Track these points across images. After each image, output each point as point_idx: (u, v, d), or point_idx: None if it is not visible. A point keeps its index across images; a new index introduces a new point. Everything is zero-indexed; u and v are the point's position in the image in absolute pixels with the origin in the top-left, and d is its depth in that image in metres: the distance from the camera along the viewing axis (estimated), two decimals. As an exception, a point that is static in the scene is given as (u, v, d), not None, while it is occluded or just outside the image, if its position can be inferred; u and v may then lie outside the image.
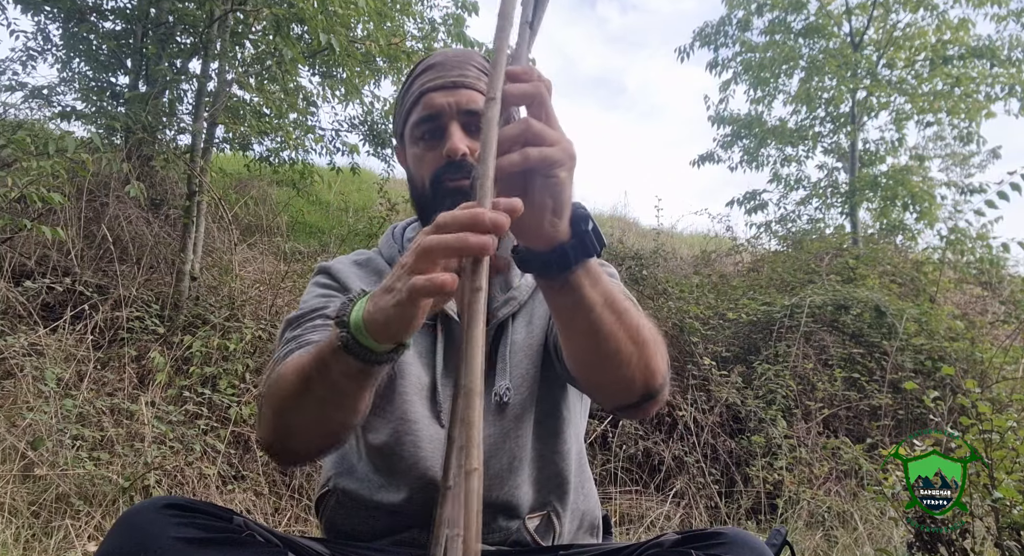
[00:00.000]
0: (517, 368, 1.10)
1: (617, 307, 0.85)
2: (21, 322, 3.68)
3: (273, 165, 6.12)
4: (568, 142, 0.71)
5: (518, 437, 1.08)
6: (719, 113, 8.58)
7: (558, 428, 1.12)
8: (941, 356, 4.29)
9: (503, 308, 1.13)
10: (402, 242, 1.22)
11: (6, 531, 2.55)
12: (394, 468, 1.07)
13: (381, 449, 1.08)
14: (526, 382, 1.09)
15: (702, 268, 6.53)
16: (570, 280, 0.79)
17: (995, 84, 7.59)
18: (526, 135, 0.68)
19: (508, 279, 1.16)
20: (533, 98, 0.70)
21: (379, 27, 5.11)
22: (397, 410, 1.08)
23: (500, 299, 1.14)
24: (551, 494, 1.11)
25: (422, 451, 1.06)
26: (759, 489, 3.48)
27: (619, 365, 0.87)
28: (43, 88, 5.31)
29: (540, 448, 1.10)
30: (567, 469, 1.11)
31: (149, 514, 0.85)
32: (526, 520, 1.08)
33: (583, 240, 0.78)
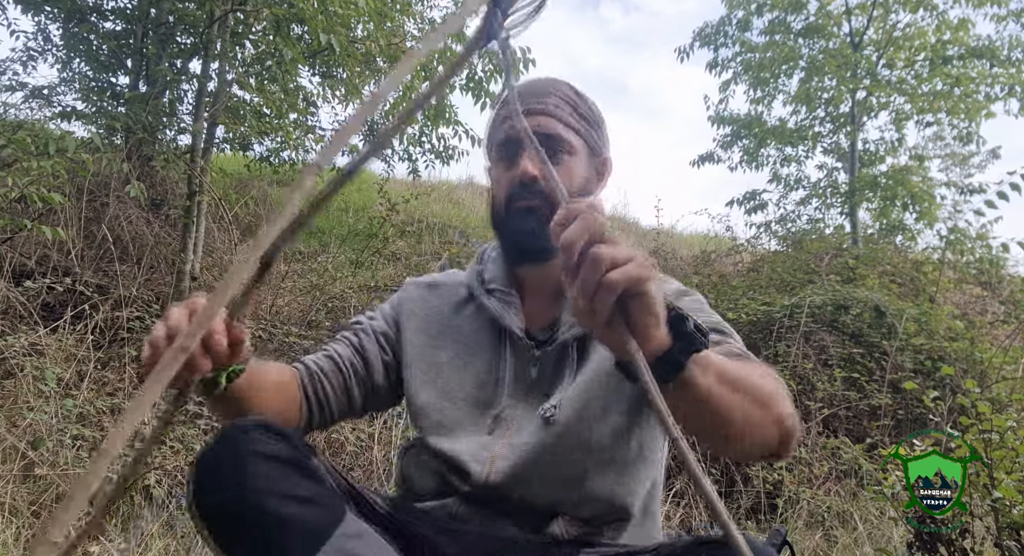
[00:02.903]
0: (576, 391, 1.12)
1: (731, 378, 0.84)
2: (21, 322, 3.68)
3: (273, 165, 6.13)
4: (639, 254, 0.71)
5: (564, 452, 1.10)
6: (719, 113, 8.59)
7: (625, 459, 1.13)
8: (941, 356, 4.29)
9: (568, 332, 1.16)
10: (483, 263, 1.30)
11: (6, 531, 2.55)
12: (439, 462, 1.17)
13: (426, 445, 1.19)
14: (577, 406, 1.11)
15: (702, 268, 6.53)
16: (682, 378, 0.79)
17: (995, 84, 7.59)
18: (602, 264, 0.68)
19: None
20: (588, 231, 0.70)
21: (379, 27, 5.11)
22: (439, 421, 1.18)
23: (567, 322, 1.17)
24: (598, 512, 1.12)
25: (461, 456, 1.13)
26: (759, 489, 3.48)
27: (748, 432, 0.88)
28: (43, 88, 5.32)
29: (597, 469, 1.11)
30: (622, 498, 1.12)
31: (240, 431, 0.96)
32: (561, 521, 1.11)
33: (687, 339, 0.78)
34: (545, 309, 1.21)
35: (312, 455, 1.00)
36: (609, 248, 0.69)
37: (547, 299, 1.22)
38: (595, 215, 0.70)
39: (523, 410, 1.15)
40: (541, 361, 1.17)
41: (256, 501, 0.90)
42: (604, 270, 0.68)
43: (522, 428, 1.13)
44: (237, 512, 0.90)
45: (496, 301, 1.22)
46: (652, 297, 0.72)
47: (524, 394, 1.17)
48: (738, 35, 8.40)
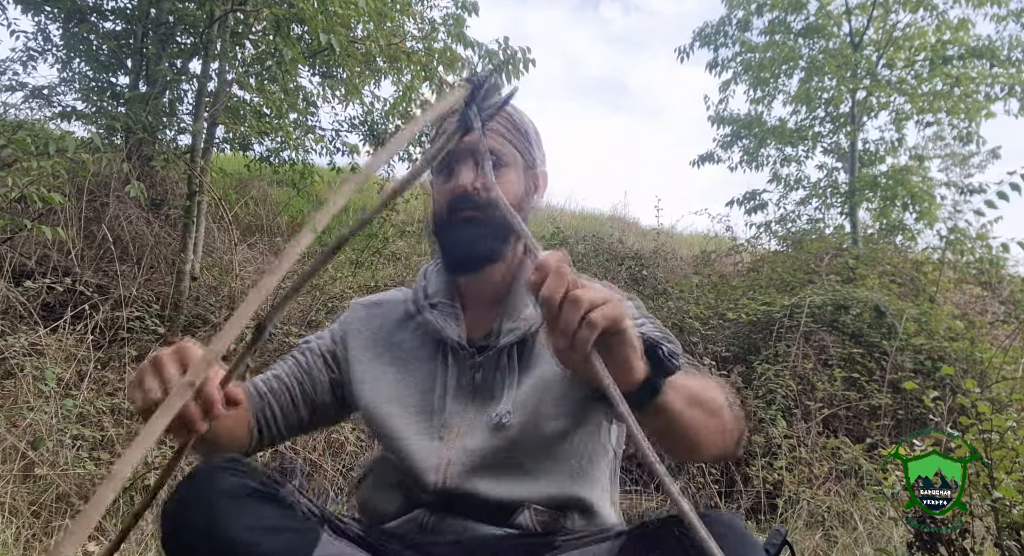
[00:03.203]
0: (523, 396, 1.18)
1: (694, 396, 0.92)
2: (21, 322, 3.68)
3: (273, 165, 6.13)
4: (610, 293, 0.76)
5: (517, 453, 1.16)
6: (719, 113, 8.59)
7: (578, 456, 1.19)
8: (941, 356, 4.29)
9: (506, 337, 1.22)
10: (426, 277, 1.34)
11: (6, 531, 2.55)
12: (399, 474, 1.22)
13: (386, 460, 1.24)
14: (527, 409, 1.17)
15: (702, 268, 6.54)
16: (657, 402, 0.85)
17: (995, 84, 7.59)
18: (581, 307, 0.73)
19: (516, 310, 1.24)
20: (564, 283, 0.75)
21: (379, 27, 5.11)
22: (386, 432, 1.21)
23: (505, 328, 1.23)
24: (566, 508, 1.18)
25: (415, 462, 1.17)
26: (759, 489, 3.48)
27: (707, 442, 0.95)
28: (43, 88, 5.32)
29: (552, 468, 1.18)
30: (580, 494, 1.18)
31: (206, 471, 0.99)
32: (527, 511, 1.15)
33: (662, 366, 0.85)
34: (485, 317, 1.27)
35: (280, 486, 1.03)
36: (586, 292, 0.74)
37: (486, 307, 1.27)
38: (565, 267, 0.75)
39: (472, 415, 1.20)
40: (483, 367, 1.22)
41: (228, 537, 0.93)
42: (584, 312, 0.73)
43: (472, 433, 1.18)
44: (210, 551, 0.93)
45: (437, 313, 1.27)
46: (630, 333, 0.78)
47: (470, 400, 1.22)
48: (738, 35, 8.40)
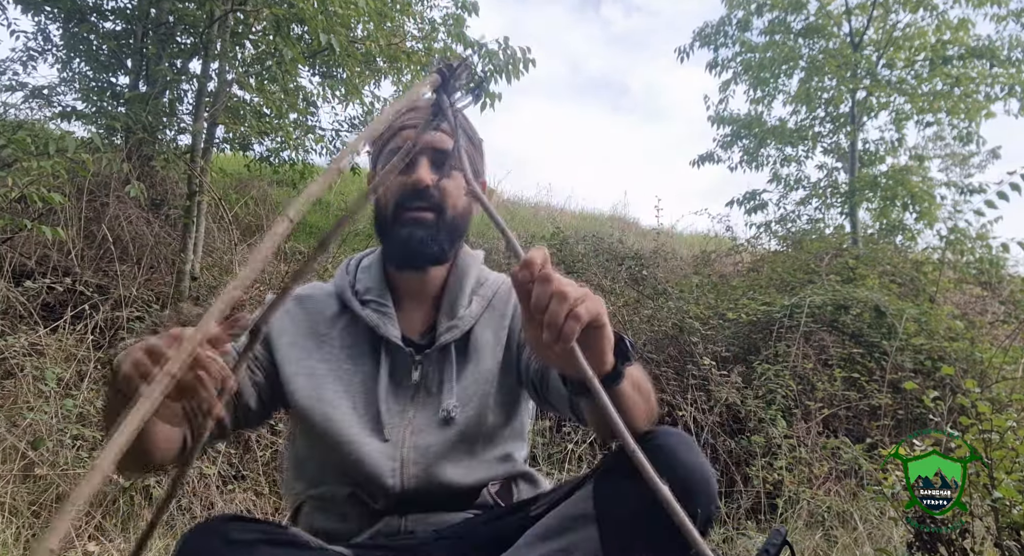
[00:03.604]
0: (466, 390, 1.22)
1: (638, 385, 0.98)
2: (21, 322, 3.68)
3: (273, 165, 6.12)
4: (587, 291, 0.80)
5: (464, 445, 1.21)
6: (719, 113, 8.59)
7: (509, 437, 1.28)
8: (941, 356, 4.29)
9: (446, 334, 1.25)
10: (355, 275, 1.31)
11: (6, 531, 2.56)
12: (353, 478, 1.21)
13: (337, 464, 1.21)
14: (474, 403, 1.22)
15: (702, 268, 6.53)
16: (616, 387, 0.91)
17: (995, 84, 7.59)
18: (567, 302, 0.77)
19: (453, 308, 1.27)
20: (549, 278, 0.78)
21: (379, 27, 5.11)
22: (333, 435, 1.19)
23: (444, 325, 1.25)
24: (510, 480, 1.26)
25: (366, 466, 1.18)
26: (759, 489, 3.48)
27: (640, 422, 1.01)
28: (43, 88, 5.32)
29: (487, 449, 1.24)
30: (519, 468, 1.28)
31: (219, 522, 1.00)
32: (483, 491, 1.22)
33: (625, 355, 0.91)
34: (419, 314, 1.28)
35: (286, 530, 1.07)
36: (571, 287, 0.78)
37: (424, 304, 1.29)
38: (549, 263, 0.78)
39: (415, 413, 1.21)
40: (423, 364, 1.24)
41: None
42: (570, 307, 0.77)
43: (422, 429, 1.20)
44: None
45: (371, 311, 1.25)
46: (609, 328, 0.83)
47: (410, 397, 1.23)
48: (738, 35, 8.40)
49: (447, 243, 1.23)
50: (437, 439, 1.19)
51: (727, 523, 3.38)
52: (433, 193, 1.19)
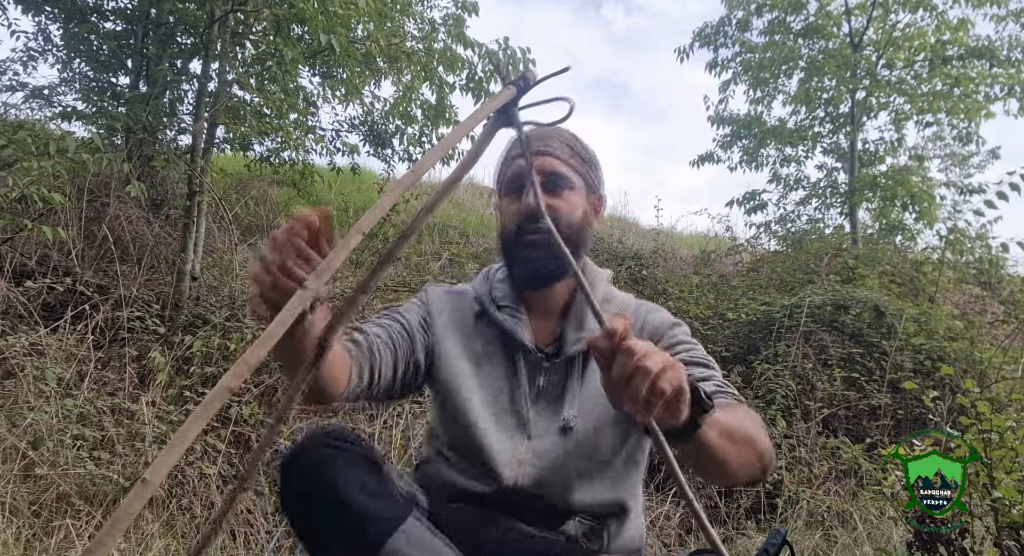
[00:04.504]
0: (587, 404, 1.28)
1: (729, 430, 1.00)
2: (22, 322, 3.68)
3: (273, 165, 6.12)
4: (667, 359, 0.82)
5: (578, 457, 1.25)
6: (719, 113, 8.59)
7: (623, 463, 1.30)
8: (940, 356, 4.29)
9: (575, 345, 1.31)
10: (490, 282, 1.42)
11: (7, 531, 2.56)
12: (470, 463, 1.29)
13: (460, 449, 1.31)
14: (593, 417, 1.26)
15: (702, 268, 6.53)
16: (697, 437, 0.94)
17: (994, 84, 7.59)
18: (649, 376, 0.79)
19: (581, 321, 1.33)
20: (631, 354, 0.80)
21: (379, 27, 5.11)
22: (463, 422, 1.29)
23: (572, 337, 1.32)
24: (605, 511, 1.28)
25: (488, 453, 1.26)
26: (759, 489, 3.48)
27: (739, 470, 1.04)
28: (44, 88, 5.31)
29: (602, 473, 1.28)
30: (623, 498, 1.29)
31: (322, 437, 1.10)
32: (575, 521, 1.25)
33: (703, 407, 0.93)
34: (549, 325, 1.36)
35: (383, 461, 1.15)
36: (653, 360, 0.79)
37: (550, 317, 1.37)
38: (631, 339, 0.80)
39: (537, 417, 1.29)
40: (549, 372, 1.31)
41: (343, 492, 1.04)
42: (652, 382, 0.79)
43: (543, 435, 1.26)
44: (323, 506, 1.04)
45: (508, 317, 1.35)
46: (687, 392, 0.84)
47: (537, 402, 1.30)
48: (738, 35, 8.40)
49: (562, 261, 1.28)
50: (555, 446, 1.25)
51: (727, 523, 3.38)
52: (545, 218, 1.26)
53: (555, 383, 1.30)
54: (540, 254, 1.29)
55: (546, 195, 1.29)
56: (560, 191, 1.31)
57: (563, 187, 1.31)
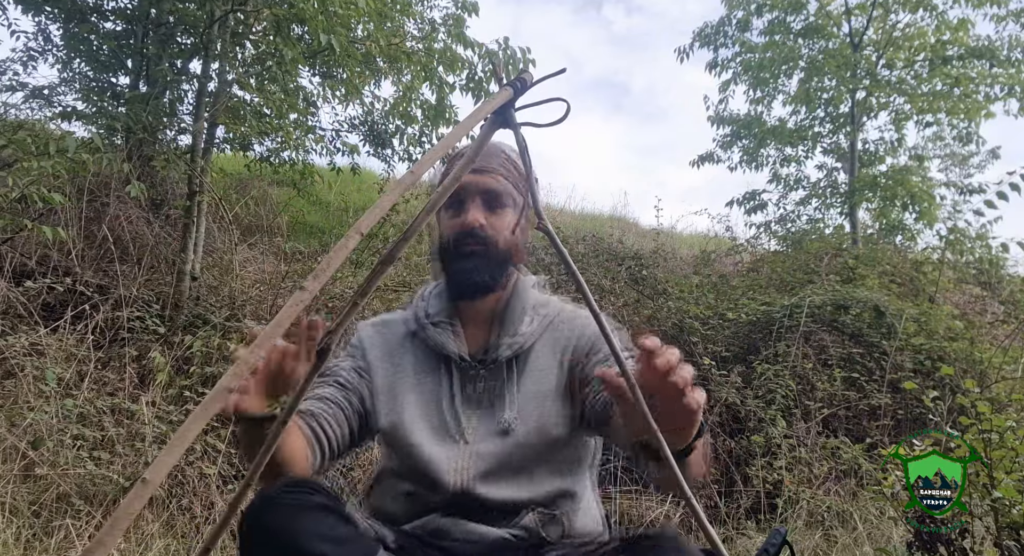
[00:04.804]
0: (525, 406, 1.34)
1: (703, 450, 1.07)
2: (22, 322, 3.68)
3: (273, 165, 6.12)
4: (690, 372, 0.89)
5: (521, 457, 1.31)
6: (719, 113, 8.59)
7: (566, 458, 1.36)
8: (940, 356, 4.29)
9: (505, 350, 1.37)
10: (425, 300, 1.47)
11: (7, 531, 2.56)
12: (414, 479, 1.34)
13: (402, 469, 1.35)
14: (533, 418, 1.33)
15: (702, 268, 6.53)
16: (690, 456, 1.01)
17: (994, 84, 7.59)
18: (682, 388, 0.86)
19: (512, 326, 1.39)
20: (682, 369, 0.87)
21: (379, 27, 5.11)
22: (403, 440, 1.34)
23: (503, 342, 1.38)
24: (554, 499, 1.33)
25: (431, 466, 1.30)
26: (759, 489, 3.48)
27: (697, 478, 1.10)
28: (44, 88, 5.32)
29: (546, 467, 1.33)
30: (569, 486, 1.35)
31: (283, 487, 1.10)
32: (531, 513, 1.30)
33: (700, 429, 0.99)
34: (481, 334, 1.42)
35: (343, 503, 1.15)
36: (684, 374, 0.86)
37: (482, 325, 1.42)
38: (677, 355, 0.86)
39: (476, 422, 1.35)
40: (484, 378, 1.37)
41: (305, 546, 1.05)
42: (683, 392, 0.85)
43: (482, 439, 1.32)
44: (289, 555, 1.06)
45: (439, 331, 1.41)
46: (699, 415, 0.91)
47: (474, 408, 1.36)
48: (738, 35, 8.40)
49: (498, 273, 1.38)
50: (496, 448, 1.31)
51: (727, 523, 3.38)
52: (481, 232, 1.35)
53: (489, 388, 1.36)
54: (476, 265, 1.35)
55: (485, 212, 1.36)
56: (497, 209, 1.38)
57: (501, 205, 1.38)
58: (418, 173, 0.68)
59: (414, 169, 0.68)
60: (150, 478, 0.46)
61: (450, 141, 0.72)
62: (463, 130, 0.73)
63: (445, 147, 0.72)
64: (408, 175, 0.68)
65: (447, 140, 0.72)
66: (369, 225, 0.59)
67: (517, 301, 1.42)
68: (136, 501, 0.45)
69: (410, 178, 0.67)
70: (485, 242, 1.35)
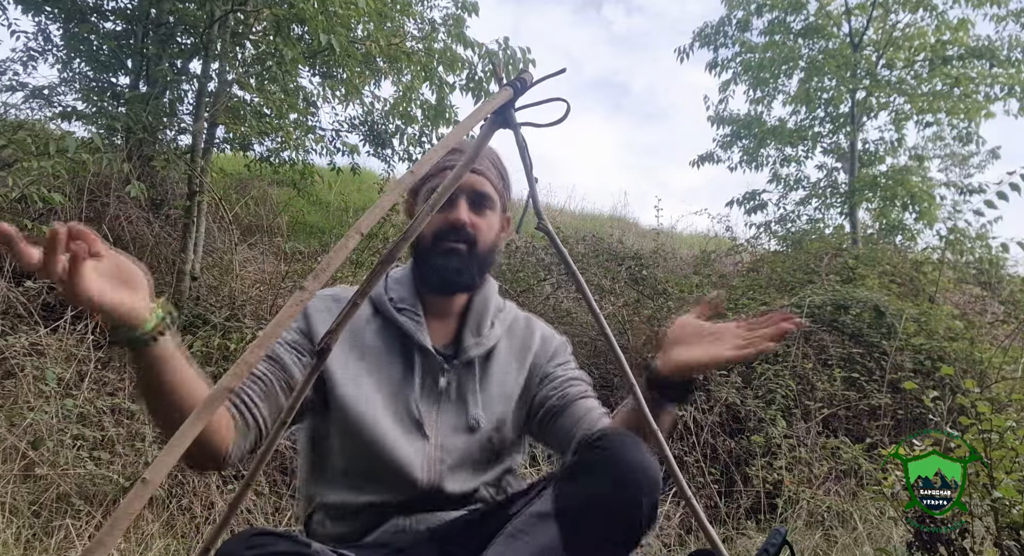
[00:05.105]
0: (490, 404, 1.39)
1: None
2: (22, 322, 3.68)
3: (273, 165, 6.12)
4: None
5: (483, 452, 1.36)
6: (719, 113, 8.59)
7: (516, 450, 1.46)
8: (940, 356, 4.29)
9: (474, 349, 1.40)
10: (386, 282, 1.45)
11: (7, 531, 2.56)
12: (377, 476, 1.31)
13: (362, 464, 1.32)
14: (495, 417, 1.38)
15: (702, 268, 6.54)
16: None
17: (994, 84, 7.60)
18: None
19: (479, 326, 1.43)
20: None
21: (379, 27, 5.11)
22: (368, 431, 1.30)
23: (471, 340, 1.41)
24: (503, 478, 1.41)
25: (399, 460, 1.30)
26: (759, 489, 3.49)
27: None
28: (44, 88, 5.32)
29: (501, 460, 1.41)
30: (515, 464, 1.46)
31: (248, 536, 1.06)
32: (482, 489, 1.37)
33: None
34: (445, 328, 1.43)
35: (309, 547, 1.14)
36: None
37: (448, 319, 1.44)
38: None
39: (441, 417, 1.36)
40: (450, 373, 1.39)
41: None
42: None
43: (450, 434, 1.35)
44: None
45: (406, 318, 1.39)
46: None
47: (437, 402, 1.37)
48: (738, 35, 8.40)
49: (477, 274, 1.40)
50: (464, 444, 1.34)
51: (727, 523, 3.38)
52: (468, 231, 1.36)
53: (456, 384, 1.38)
54: (457, 264, 1.37)
55: (472, 213, 1.37)
56: (483, 211, 1.40)
57: (487, 207, 1.40)
58: (418, 173, 0.68)
59: (414, 169, 0.68)
60: (150, 478, 0.46)
61: (450, 141, 0.72)
62: (463, 130, 0.73)
63: (445, 147, 0.72)
64: (408, 175, 0.68)
65: (447, 140, 0.72)
66: (369, 225, 0.59)
67: (485, 302, 1.45)
68: (136, 501, 0.45)
69: (410, 178, 0.67)
70: (469, 241, 1.37)
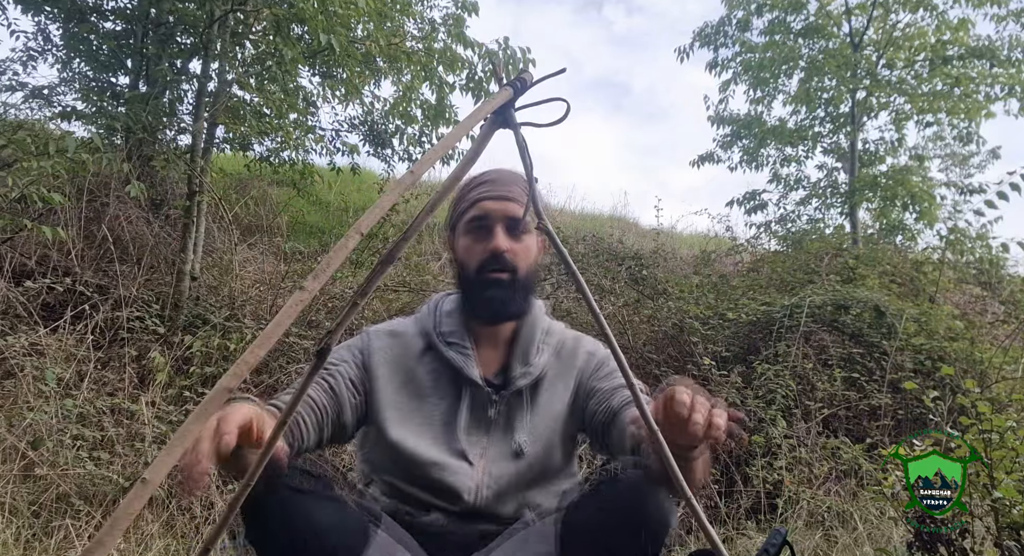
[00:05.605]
0: (537, 429, 1.43)
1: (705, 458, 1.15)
2: (21, 322, 3.68)
3: (273, 165, 6.12)
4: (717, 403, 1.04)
5: (531, 476, 1.40)
6: (719, 113, 8.59)
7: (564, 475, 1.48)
8: (941, 356, 4.29)
9: (520, 379, 1.44)
10: (437, 316, 1.50)
11: (6, 531, 2.56)
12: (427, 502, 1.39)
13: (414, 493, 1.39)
14: (542, 441, 1.42)
15: (702, 268, 6.53)
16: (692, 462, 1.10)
17: (995, 84, 7.59)
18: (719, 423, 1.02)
19: (527, 355, 1.46)
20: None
21: (379, 27, 5.11)
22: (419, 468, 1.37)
23: (519, 370, 1.45)
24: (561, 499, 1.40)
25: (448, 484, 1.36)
26: (759, 489, 3.48)
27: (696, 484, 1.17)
28: (43, 88, 5.32)
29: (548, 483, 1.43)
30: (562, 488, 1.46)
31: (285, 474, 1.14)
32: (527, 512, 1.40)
33: None
34: (494, 357, 1.48)
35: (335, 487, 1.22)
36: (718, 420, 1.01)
37: (496, 349, 1.48)
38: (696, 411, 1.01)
39: (488, 444, 1.41)
40: (499, 402, 1.43)
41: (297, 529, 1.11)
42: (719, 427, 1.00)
43: (497, 460, 1.39)
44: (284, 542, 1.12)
45: (455, 353, 1.45)
46: None
47: (486, 431, 1.42)
48: (738, 35, 8.40)
49: (523, 300, 1.45)
50: (509, 469, 1.39)
51: (727, 523, 3.38)
52: (507, 258, 1.40)
53: (505, 413, 1.43)
54: (504, 294, 1.41)
55: (509, 239, 1.41)
56: (520, 236, 1.43)
57: (522, 232, 1.43)
58: (418, 173, 0.67)
59: (414, 169, 0.67)
60: (150, 478, 0.46)
61: (450, 141, 0.72)
62: (463, 130, 0.73)
63: (445, 147, 0.71)
64: (408, 175, 0.67)
65: (447, 140, 0.72)
66: (369, 225, 0.59)
67: (532, 328, 1.48)
68: (136, 501, 0.45)
69: (410, 178, 0.67)
70: (510, 268, 1.41)
